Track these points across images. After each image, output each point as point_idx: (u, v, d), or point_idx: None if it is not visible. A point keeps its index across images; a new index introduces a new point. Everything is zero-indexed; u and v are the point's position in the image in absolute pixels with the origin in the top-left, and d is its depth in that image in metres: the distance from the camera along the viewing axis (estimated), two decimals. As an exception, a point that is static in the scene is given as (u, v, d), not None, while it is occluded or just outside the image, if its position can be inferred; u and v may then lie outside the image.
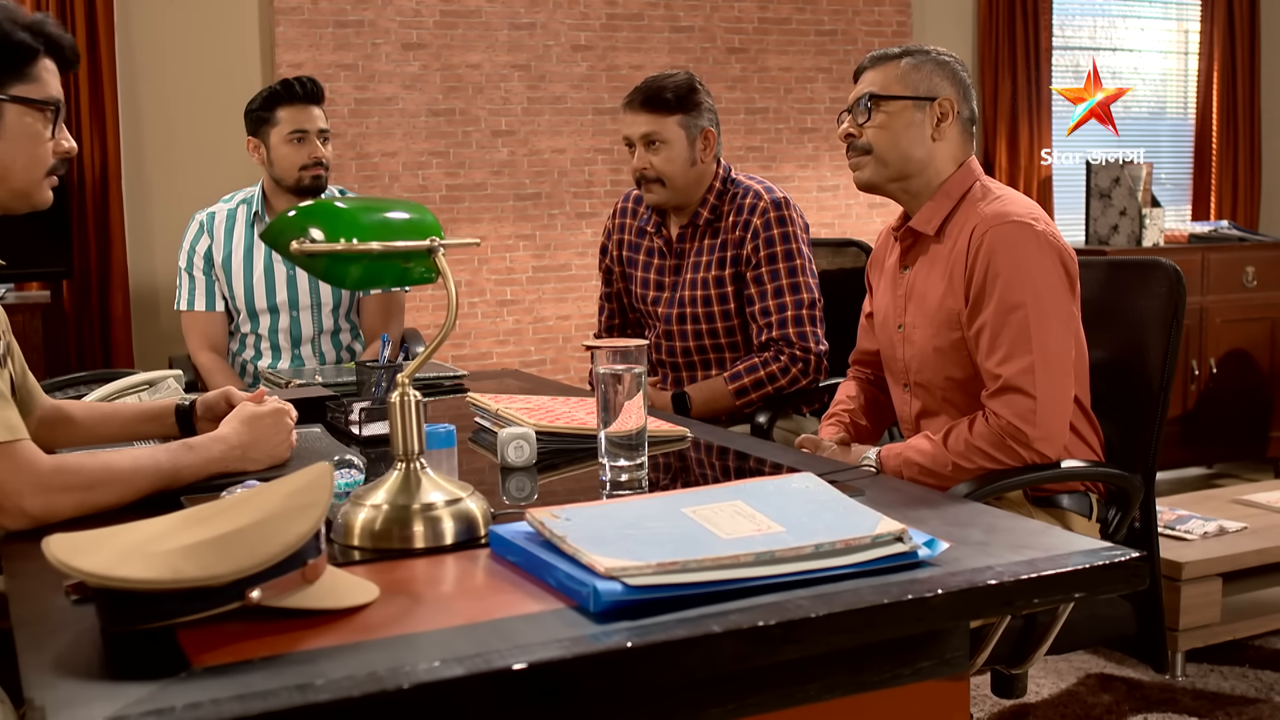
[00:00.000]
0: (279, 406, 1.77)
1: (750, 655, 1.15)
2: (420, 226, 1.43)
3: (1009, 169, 5.51)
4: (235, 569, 1.10)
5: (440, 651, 1.06)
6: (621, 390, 1.67)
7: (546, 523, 1.30)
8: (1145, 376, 2.02)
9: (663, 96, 2.72)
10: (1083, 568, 1.29)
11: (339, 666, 1.04)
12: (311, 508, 1.17)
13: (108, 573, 1.07)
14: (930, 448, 1.93)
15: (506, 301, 4.62)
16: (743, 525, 1.32)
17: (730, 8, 4.90)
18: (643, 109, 2.73)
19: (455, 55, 4.45)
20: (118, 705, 0.97)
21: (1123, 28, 6.04)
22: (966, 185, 2.03)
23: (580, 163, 4.70)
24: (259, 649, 1.08)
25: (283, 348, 3.06)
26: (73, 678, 1.03)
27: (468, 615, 1.17)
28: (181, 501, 1.57)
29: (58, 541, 1.11)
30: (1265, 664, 3.23)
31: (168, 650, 1.09)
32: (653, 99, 2.72)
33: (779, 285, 2.72)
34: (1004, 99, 5.44)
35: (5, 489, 1.45)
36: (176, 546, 1.10)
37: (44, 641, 1.13)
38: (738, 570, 1.22)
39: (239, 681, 1.01)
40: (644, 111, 2.73)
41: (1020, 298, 1.86)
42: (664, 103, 2.72)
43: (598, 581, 1.16)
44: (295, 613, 1.15)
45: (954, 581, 1.25)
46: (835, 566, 1.26)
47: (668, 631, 1.11)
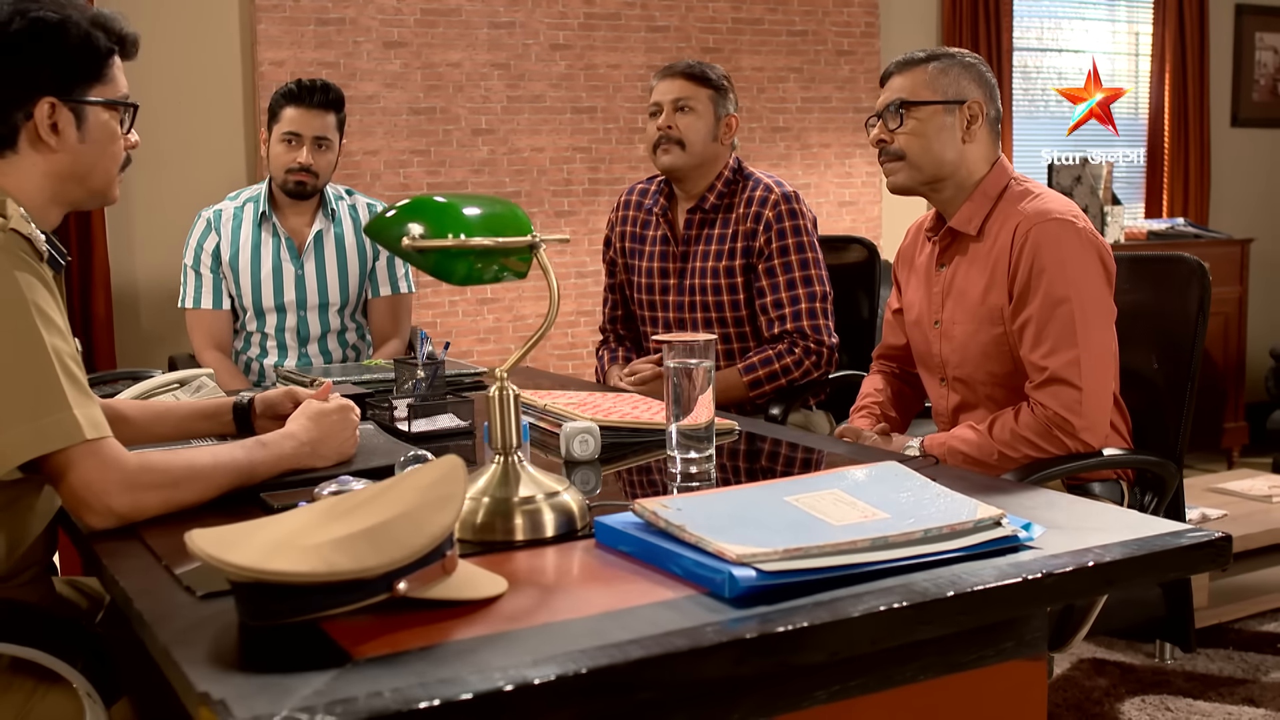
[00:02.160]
0: (345, 403, 1.77)
1: (886, 636, 1.19)
2: (517, 222, 1.45)
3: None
4: (387, 561, 1.11)
5: (595, 638, 1.08)
6: (693, 384, 1.70)
7: (660, 513, 1.33)
8: (1173, 367, 2.09)
9: (703, 72, 2.85)
10: (1178, 547, 1.34)
11: (502, 655, 1.05)
12: (450, 500, 1.19)
13: (262, 566, 1.08)
14: (975, 437, 1.98)
15: (487, 300, 4.62)
16: (849, 513, 1.35)
17: (705, 8, 4.94)
18: (680, 76, 2.84)
19: (436, 54, 4.44)
20: (298, 696, 0.98)
21: (1081, 30, 6.17)
22: (1002, 184, 2.08)
23: (559, 161, 4.71)
24: (412, 640, 1.09)
25: (290, 347, 3.04)
26: (237, 672, 1.04)
27: (604, 604, 1.19)
28: (262, 499, 1.58)
29: (203, 537, 1.12)
30: (1248, 646, 3.33)
31: (318, 643, 1.10)
32: (692, 71, 2.84)
33: (791, 278, 2.77)
34: (967, 99, 5.53)
35: (93, 487, 1.44)
36: (326, 540, 1.11)
37: (189, 637, 1.13)
38: (856, 555, 1.26)
39: (409, 671, 1.02)
40: (681, 78, 2.84)
41: (1065, 292, 1.92)
42: (703, 78, 2.84)
43: (732, 568, 1.19)
44: (431, 604, 1.16)
45: (1058, 563, 1.29)
46: (945, 551, 1.30)
47: (811, 615, 1.14)
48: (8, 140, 1.56)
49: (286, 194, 3.00)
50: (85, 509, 1.45)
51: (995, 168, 2.10)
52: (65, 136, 1.57)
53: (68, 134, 1.57)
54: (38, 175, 1.57)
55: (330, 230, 3.07)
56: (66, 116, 1.57)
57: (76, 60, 1.57)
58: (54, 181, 1.59)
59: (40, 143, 1.56)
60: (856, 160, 5.29)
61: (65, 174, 1.59)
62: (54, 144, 1.56)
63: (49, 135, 1.55)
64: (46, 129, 1.55)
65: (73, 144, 1.58)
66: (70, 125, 1.57)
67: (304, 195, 2.99)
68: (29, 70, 1.54)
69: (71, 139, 1.57)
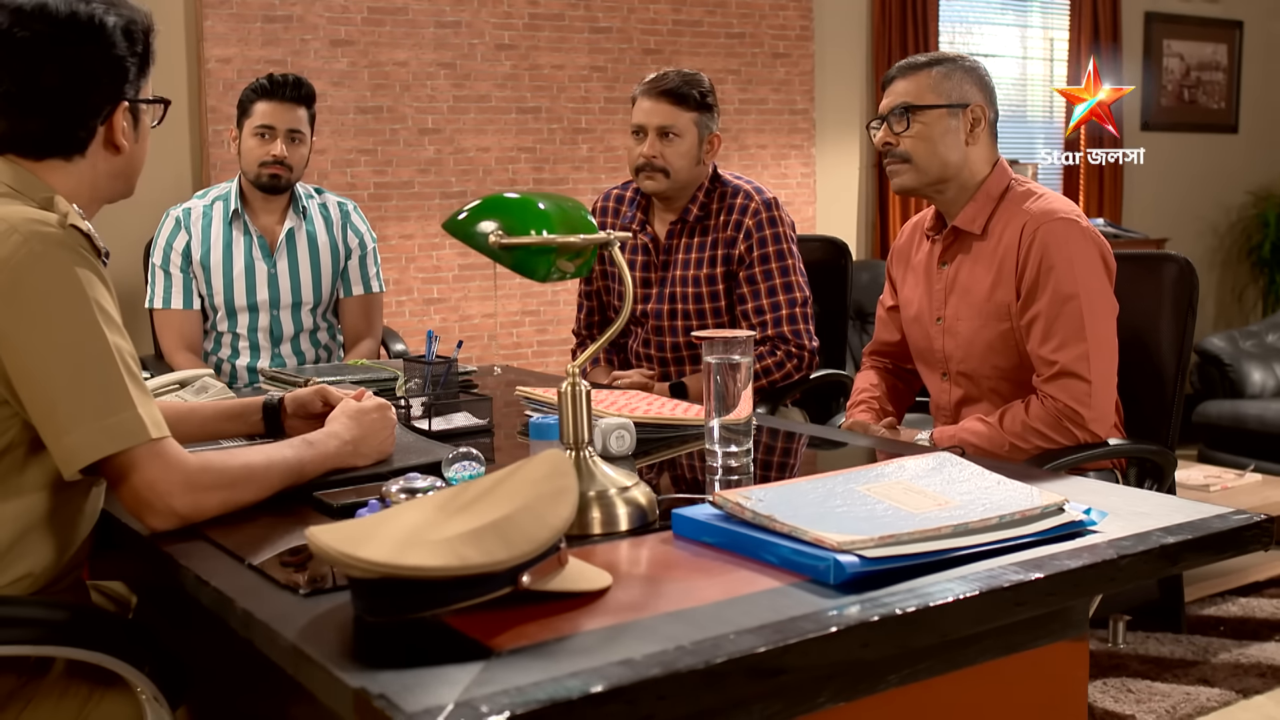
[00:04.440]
0: (383, 402, 1.77)
1: (988, 617, 1.24)
2: (585, 221, 1.46)
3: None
4: (516, 555, 1.12)
5: (724, 625, 1.11)
6: (736, 380, 1.73)
7: (745, 504, 1.36)
8: (1161, 361, 2.18)
9: (687, 92, 2.77)
10: (1230, 529, 1.41)
11: (641, 643, 1.07)
12: (565, 493, 1.20)
13: (398, 562, 1.08)
14: (986, 430, 2.04)
15: (433, 300, 4.60)
16: (923, 501, 1.39)
17: (646, 10, 4.97)
18: (664, 99, 2.75)
19: (383, 52, 4.40)
20: (460, 687, 0.98)
21: (1001, 35, 6.35)
22: (1004, 184, 2.15)
23: (504, 161, 4.70)
24: (541, 632, 1.11)
25: (262, 347, 3.00)
26: (381, 668, 1.04)
27: (714, 593, 1.21)
28: (316, 498, 1.57)
29: (326, 534, 1.11)
30: (1194, 629, 3.47)
31: (448, 637, 1.10)
32: (675, 92, 2.76)
33: (772, 284, 2.81)
34: (896, 101, 5.65)
35: (157, 488, 1.42)
36: (454, 534, 1.12)
37: (319, 635, 1.13)
38: (943, 541, 1.30)
39: (554, 661, 1.04)
40: (666, 102, 2.75)
41: (1073, 289, 1.99)
42: (688, 98, 2.77)
43: (836, 555, 1.22)
44: (543, 596, 1.18)
45: (1128, 546, 1.35)
46: (1021, 536, 1.35)
47: (921, 598, 1.18)
48: (79, 145, 1.53)
49: (260, 188, 2.96)
50: (148, 510, 1.43)
51: (996, 169, 2.17)
52: (129, 137, 1.55)
53: (130, 135, 1.55)
54: (95, 176, 1.55)
55: (302, 228, 3.04)
56: (129, 119, 1.55)
57: (139, 61, 1.55)
58: (107, 180, 1.56)
59: (110, 145, 1.53)
60: (792, 161, 5.37)
61: (118, 174, 1.57)
62: (123, 147, 1.54)
63: (123, 139, 1.53)
64: (121, 132, 1.53)
65: (132, 145, 1.56)
66: (132, 127, 1.55)
67: (278, 189, 2.96)
68: (117, 71, 1.52)
69: (132, 140, 1.56)
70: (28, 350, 1.38)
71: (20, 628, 1.39)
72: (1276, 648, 3.29)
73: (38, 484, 1.47)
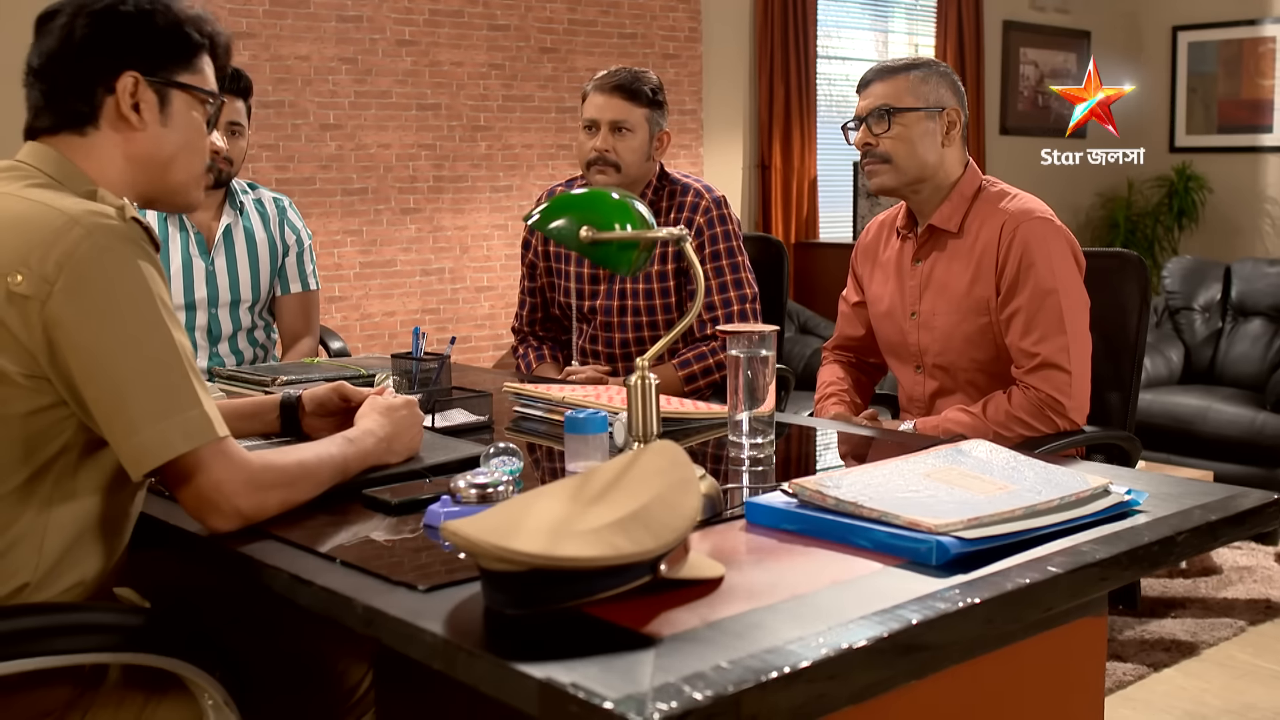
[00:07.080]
0: (410, 399, 1.76)
1: (1080, 591, 1.31)
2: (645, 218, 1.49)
3: (782, 169, 5.86)
4: (661, 544, 1.14)
5: (854, 610, 1.15)
6: (763, 373, 1.77)
7: (826, 491, 1.40)
8: (1121, 352, 2.31)
9: (639, 89, 2.81)
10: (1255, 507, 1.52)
11: (792, 626, 1.11)
12: (689, 484, 1.23)
13: (553, 553, 1.09)
14: (969, 419, 2.13)
15: (335, 298, 4.52)
16: (987, 486, 1.46)
17: (543, 9, 4.98)
18: (616, 94, 2.80)
19: (284, 46, 4.31)
20: (646, 675, 1.00)
21: (871, 40, 6.57)
22: (976, 184, 2.25)
23: (405, 158, 4.65)
24: (690, 618, 1.13)
25: (200, 346, 2.91)
26: (552, 659, 1.05)
27: (824, 578, 1.26)
28: (367, 495, 1.56)
29: (471, 528, 1.11)
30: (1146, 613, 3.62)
31: (595, 626, 1.12)
32: (628, 88, 2.81)
33: (723, 281, 2.87)
34: (778, 103, 5.80)
35: (223, 488, 1.39)
36: (601, 525, 1.13)
37: (461, 628, 1.13)
38: (1019, 523, 1.37)
39: (720, 646, 1.06)
40: (618, 97, 2.80)
41: (1053, 284, 2.10)
42: (639, 94, 2.81)
43: (938, 537, 1.28)
44: (661, 585, 1.20)
45: (1176, 524, 1.45)
46: (1082, 516, 1.43)
47: (1024, 575, 1.25)
48: (89, 116, 1.48)
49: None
50: (212, 510, 1.40)
51: (968, 170, 2.27)
52: (147, 117, 1.50)
53: (149, 115, 1.50)
54: (119, 158, 1.50)
55: (239, 224, 2.96)
56: (150, 97, 1.50)
57: (165, 41, 1.51)
58: (134, 166, 1.51)
59: (121, 120, 1.49)
60: (681, 161, 5.44)
61: (144, 158, 1.51)
62: (135, 122, 1.49)
63: (129, 112, 1.48)
64: (128, 105, 1.48)
65: (154, 126, 1.51)
66: (153, 107, 1.51)
67: (220, 183, 2.87)
68: (115, 43, 1.48)
69: (153, 121, 1.51)
70: (95, 348, 1.33)
71: (96, 635, 1.35)
72: (1175, 623, 3.49)
73: (90, 488, 1.42)
